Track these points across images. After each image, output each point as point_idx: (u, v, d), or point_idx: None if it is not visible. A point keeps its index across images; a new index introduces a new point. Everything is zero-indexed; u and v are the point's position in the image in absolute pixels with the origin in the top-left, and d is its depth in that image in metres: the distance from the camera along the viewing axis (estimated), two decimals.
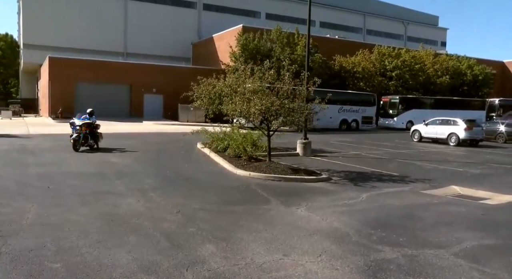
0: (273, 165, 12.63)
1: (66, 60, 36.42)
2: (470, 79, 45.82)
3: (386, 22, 66.34)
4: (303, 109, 12.73)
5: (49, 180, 10.34)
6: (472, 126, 23.55)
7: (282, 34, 36.32)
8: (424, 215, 8.10)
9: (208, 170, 12.72)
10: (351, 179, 11.84)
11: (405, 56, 41.65)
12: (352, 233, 6.68)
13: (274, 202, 8.77)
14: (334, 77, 37.60)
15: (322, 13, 54.54)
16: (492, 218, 8.15)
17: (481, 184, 11.83)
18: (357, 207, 8.58)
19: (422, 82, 42.05)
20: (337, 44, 43.80)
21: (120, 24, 48.52)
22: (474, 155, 19.43)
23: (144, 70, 38.43)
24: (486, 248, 6.26)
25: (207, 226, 6.82)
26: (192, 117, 33.82)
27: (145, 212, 7.66)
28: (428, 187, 11.01)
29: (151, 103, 38.35)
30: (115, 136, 20.87)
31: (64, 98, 34.59)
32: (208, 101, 17.82)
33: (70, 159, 14.00)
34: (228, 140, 15.27)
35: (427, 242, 6.38)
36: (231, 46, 36.27)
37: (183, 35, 50.51)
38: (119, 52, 47.98)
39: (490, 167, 15.59)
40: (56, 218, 7.10)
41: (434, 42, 67.87)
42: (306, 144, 16.80)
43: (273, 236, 6.44)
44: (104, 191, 9.35)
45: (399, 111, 36.76)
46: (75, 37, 45.08)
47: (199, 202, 8.57)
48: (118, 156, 14.97)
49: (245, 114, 12.42)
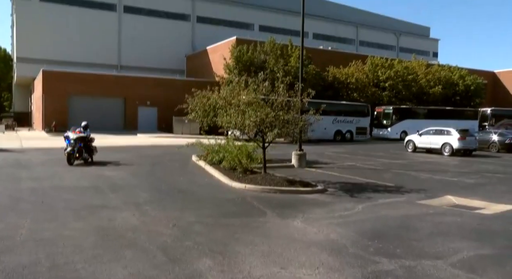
0: (268, 177, 12.61)
1: (59, 73, 36.40)
2: (462, 89, 46.29)
3: (378, 33, 67.07)
4: (297, 121, 12.77)
5: (42, 195, 10.24)
6: (465, 136, 23.72)
7: (276, 46, 36.58)
8: (420, 225, 8.10)
9: (203, 183, 12.67)
10: (346, 190, 11.83)
11: (398, 67, 42.07)
12: (349, 245, 6.65)
13: (270, 214, 8.74)
14: (327, 89, 37.86)
15: (315, 24, 55.10)
16: (488, 227, 8.16)
17: (476, 193, 11.87)
18: (353, 218, 8.56)
19: (415, 93, 42.43)
20: (330, 56, 44.19)
21: (114, 37, 48.67)
22: (468, 164, 19.53)
23: (138, 83, 38.47)
24: (483, 258, 6.25)
25: (203, 240, 6.77)
26: (187, 129, 33.81)
27: (140, 226, 7.60)
28: (424, 197, 11.02)
29: (145, 116, 38.33)
30: (109, 150, 20.79)
31: (58, 112, 34.49)
32: (203, 114, 17.86)
33: (64, 172, 13.91)
34: (223, 152, 15.24)
35: (424, 252, 6.37)
36: (225, 58, 36.45)
37: (177, 48, 50.73)
38: (113, 65, 48.04)
39: (484, 176, 15.66)
40: (50, 233, 7.01)
41: (426, 53, 68.65)
42: (301, 155, 16.81)
43: (270, 248, 6.40)
44: (98, 205, 9.27)
45: (392, 122, 37.00)
46: (69, 50, 45.13)
47: (194, 215, 8.52)
48: (113, 169, 14.89)
49: (240, 126, 12.43)
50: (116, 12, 48.95)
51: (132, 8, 49.53)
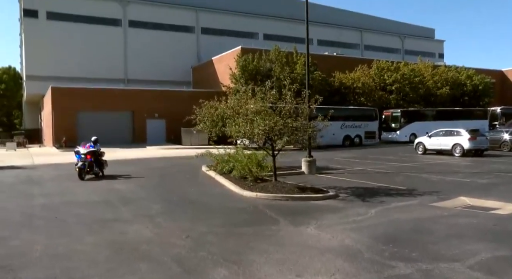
0: (279, 185, 12.58)
1: (68, 89, 36.77)
2: (470, 89, 45.95)
3: (383, 37, 66.99)
4: (306, 128, 12.76)
5: (55, 210, 10.32)
6: (476, 136, 23.49)
7: (281, 53, 36.68)
8: (434, 228, 8.01)
9: (214, 193, 12.67)
10: (358, 195, 11.76)
11: (404, 70, 41.91)
12: (364, 250, 6.60)
13: (283, 222, 8.70)
14: (334, 94, 37.79)
15: (319, 31, 55.18)
16: (504, 228, 8.04)
17: (489, 194, 11.73)
18: (367, 223, 8.50)
19: (423, 95, 42.19)
20: (335, 61, 44.17)
21: (120, 51, 49.16)
22: (480, 164, 19.32)
23: (146, 96, 38.73)
24: (501, 259, 6.16)
25: (217, 250, 6.76)
26: (195, 140, 33.90)
27: (153, 238, 7.61)
28: (437, 199, 10.92)
29: (153, 128, 38.50)
30: (119, 163, 20.91)
31: (67, 127, 34.78)
32: (211, 124, 17.93)
33: (76, 187, 14.00)
34: (233, 162, 15.26)
35: (440, 255, 6.29)
36: (231, 68, 36.62)
37: (183, 60, 51.08)
38: (120, 79, 48.45)
39: (497, 176, 15.48)
40: (64, 248, 7.05)
41: (431, 55, 68.34)
42: (311, 162, 16.77)
43: (285, 256, 6.37)
44: (111, 218, 9.31)
45: (401, 125, 36.77)
46: (76, 67, 45.65)
47: (207, 225, 8.51)
48: (124, 183, 14.96)
49: (249, 135, 12.45)
50: (121, 27, 49.49)
51: (137, 23, 50.05)
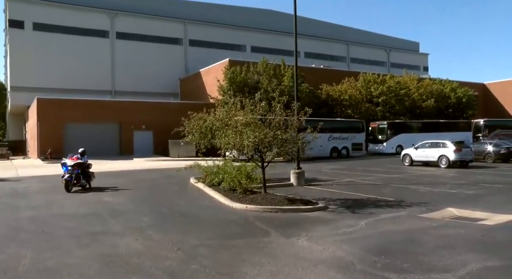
0: (269, 197, 12.59)
1: (54, 101, 36.40)
2: (454, 101, 46.79)
3: (369, 50, 67.99)
4: (296, 140, 12.84)
5: (42, 223, 10.14)
6: (461, 148, 23.88)
7: (269, 66, 36.96)
8: (424, 239, 8.08)
9: (204, 205, 12.61)
10: (347, 206, 11.82)
11: (390, 82, 42.54)
12: (356, 261, 6.62)
13: (274, 234, 8.69)
14: (321, 106, 38.11)
15: (306, 43, 55.76)
16: (493, 238, 8.15)
17: (476, 204, 11.90)
18: (357, 234, 8.54)
19: (408, 107, 42.81)
20: (322, 73, 44.63)
21: (107, 63, 48.95)
22: (466, 176, 19.60)
23: (133, 108, 38.55)
24: (491, 269, 6.24)
25: (209, 262, 6.71)
26: (183, 152, 33.77)
27: (144, 250, 7.53)
28: (425, 210, 11.03)
29: (141, 140, 38.26)
30: (107, 175, 20.69)
31: (53, 139, 34.35)
32: (200, 136, 17.90)
33: (63, 200, 13.79)
34: (222, 174, 15.21)
35: (431, 266, 6.35)
36: (219, 80, 36.73)
37: (171, 71, 51.07)
38: (107, 91, 48.17)
39: (483, 187, 15.72)
40: (53, 262, 6.93)
41: (416, 67, 69.53)
42: (299, 174, 16.82)
43: (277, 268, 6.36)
44: (100, 231, 9.19)
45: (388, 137, 37.19)
46: (62, 78, 45.26)
47: (198, 237, 8.46)
48: (112, 195, 14.80)
49: (239, 147, 12.47)
50: (109, 39, 49.35)
51: (124, 34, 49.99)
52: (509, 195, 13.78)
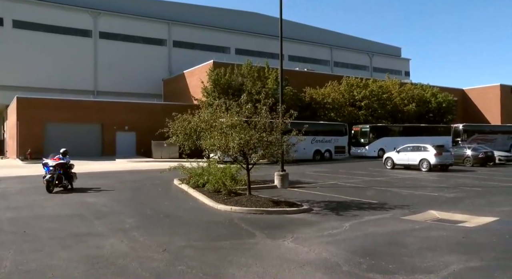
0: (253, 198, 12.63)
1: (35, 100, 35.75)
2: (434, 106, 47.65)
3: (352, 54, 68.78)
4: (280, 142, 12.92)
5: (23, 224, 9.95)
6: (441, 152, 24.34)
7: (253, 68, 37.03)
8: (408, 240, 8.23)
9: (188, 206, 12.57)
10: (331, 208, 11.93)
11: (373, 86, 43.09)
12: (342, 263, 6.70)
13: (260, 235, 8.73)
14: (305, 109, 38.33)
15: (290, 47, 56.07)
16: (473, 240, 8.35)
17: (456, 207, 12.17)
18: (342, 236, 8.64)
19: (390, 111, 43.42)
20: (306, 77, 44.93)
21: (90, 63, 48.33)
22: (446, 179, 19.98)
23: (116, 108, 38.14)
24: (472, 270, 6.40)
25: (196, 264, 6.71)
26: (166, 153, 33.57)
27: (130, 252, 7.47)
28: (408, 213, 11.22)
29: (123, 141, 37.84)
30: (89, 176, 20.43)
31: (33, 139, 33.73)
32: (184, 137, 17.87)
33: (44, 201, 13.56)
34: (206, 175, 15.19)
35: (415, 267, 6.47)
36: (203, 81, 36.64)
37: (154, 72, 50.73)
38: (89, 91, 47.55)
39: (462, 190, 16.06)
40: (36, 264, 6.81)
41: (398, 72, 70.62)
42: (283, 176, 16.90)
43: (264, 270, 6.39)
44: (84, 232, 9.08)
45: (370, 140, 37.64)
46: (43, 77, 44.52)
47: (184, 239, 8.44)
48: (95, 196, 14.62)
49: (224, 148, 12.48)
50: (91, 38, 48.75)
51: (107, 34, 49.45)
52: (487, 198, 14.11)
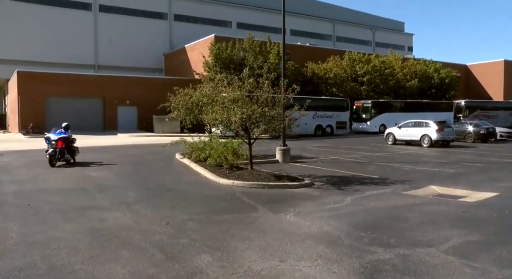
0: (255, 173, 12.68)
1: (35, 74, 35.56)
2: (437, 82, 47.31)
3: (354, 29, 67.83)
4: (283, 117, 12.87)
5: (27, 198, 10.03)
6: (443, 128, 24.29)
7: (255, 43, 36.60)
8: (409, 215, 8.30)
9: (190, 180, 12.64)
10: (333, 183, 11.99)
11: (375, 62, 42.68)
12: (343, 236, 6.77)
13: (262, 209, 8.80)
14: (307, 84, 38.06)
15: (292, 21, 55.24)
16: (473, 215, 8.42)
17: (457, 182, 12.21)
18: (344, 210, 8.71)
19: (392, 86, 43.15)
20: (308, 51, 44.47)
21: (91, 37, 47.80)
22: (447, 155, 20.00)
23: (117, 83, 37.94)
24: (472, 244, 6.47)
25: (198, 236, 6.78)
26: (168, 128, 33.57)
27: (133, 225, 7.55)
28: (409, 188, 11.27)
29: (125, 115, 37.83)
30: (91, 150, 20.49)
31: (35, 113, 33.72)
32: (185, 112, 17.83)
33: (47, 174, 13.64)
34: (208, 149, 15.21)
35: (416, 241, 6.54)
36: (204, 56, 36.30)
37: (155, 46, 50.22)
38: (90, 65, 47.23)
39: (463, 166, 16.10)
40: (41, 236, 6.90)
41: (401, 47, 69.81)
42: (285, 151, 16.93)
43: (267, 243, 6.46)
44: (87, 206, 9.16)
45: (371, 116, 37.55)
46: (43, 51, 44.13)
47: (186, 212, 8.51)
48: (97, 170, 14.69)
49: (226, 123, 12.45)
50: (91, 11, 48.07)
51: (108, 7, 48.72)
52: (488, 174, 14.15)
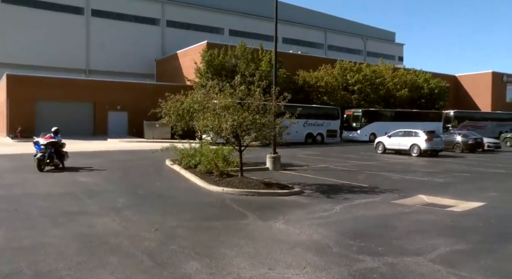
0: (245, 180, 12.70)
1: (25, 77, 35.24)
2: (427, 92, 47.81)
3: (346, 38, 68.45)
4: (274, 124, 12.93)
5: (15, 202, 9.94)
6: (432, 137, 24.54)
7: (247, 50, 36.70)
8: (397, 224, 8.37)
9: (180, 187, 12.61)
10: (323, 191, 12.04)
11: (366, 71, 43.03)
12: (332, 244, 6.81)
13: (251, 216, 8.81)
14: (298, 92, 38.23)
15: (285, 29, 55.60)
16: (460, 224, 8.51)
17: (445, 192, 12.34)
18: (333, 218, 8.75)
19: (383, 96, 43.51)
20: (300, 60, 44.74)
21: (82, 41, 47.60)
22: (436, 164, 20.20)
23: (108, 88, 37.76)
24: (459, 253, 6.55)
25: (188, 243, 6.77)
26: (158, 134, 33.45)
27: (122, 231, 7.51)
28: (398, 197, 11.36)
29: (115, 120, 37.61)
30: (80, 155, 20.34)
31: (24, 117, 33.39)
32: (176, 118, 17.80)
33: (36, 179, 13.52)
34: (199, 156, 15.20)
35: (404, 250, 6.60)
36: (196, 62, 36.31)
37: (147, 52, 50.16)
38: (81, 69, 46.95)
39: (452, 175, 16.26)
40: (28, 241, 6.83)
41: (392, 57, 70.54)
42: (275, 158, 16.97)
43: (256, 250, 6.47)
44: (76, 211, 9.09)
45: (362, 124, 37.79)
46: (34, 54, 43.83)
47: (176, 219, 8.49)
48: (86, 175, 14.59)
49: (217, 129, 12.47)
50: (83, 16, 47.91)
51: (100, 12, 48.59)
52: (475, 184, 14.32)
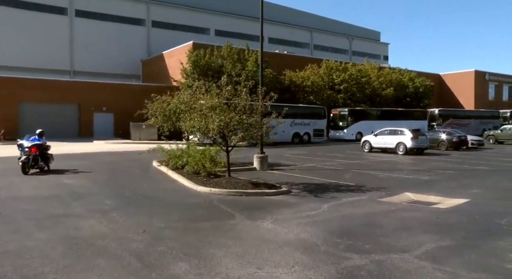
0: (233, 180, 12.70)
1: (8, 79, 34.69)
2: (412, 91, 48.34)
3: (332, 38, 68.81)
4: (260, 124, 12.95)
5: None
6: (417, 136, 24.85)
7: (233, 50, 36.70)
8: (384, 221, 8.46)
9: (168, 188, 12.56)
10: (310, 190, 12.11)
11: (352, 70, 43.34)
12: (320, 243, 6.86)
13: (239, 216, 8.82)
14: (284, 92, 38.35)
15: (270, 29, 55.67)
16: (445, 221, 8.64)
17: (431, 189, 12.51)
18: (320, 217, 8.81)
19: (369, 95, 43.88)
20: (286, 59, 44.88)
21: (66, 42, 47.02)
22: (421, 162, 20.46)
23: (93, 89, 37.38)
24: (444, 249, 6.65)
25: (176, 244, 6.75)
26: (145, 135, 33.23)
27: (109, 233, 7.46)
28: (384, 195, 11.48)
29: (101, 122, 37.28)
30: (66, 157, 20.12)
31: (7, 120, 32.86)
32: (163, 119, 17.70)
33: (20, 182, 13.33)
34: (186, 157, 15.15)
35: (391, 247, 6.68)
36: (182, 62, 36.17)
37: (132, 53, 49.78)
38: (65, 71, 46.40)
39: (437, 173, 16.49)
40: (13, 245, 6.74)
41: (377, 56, 71.11)
42: (263, 158, 17.00)
43: (244, 250, 6.49)
44: (61, 214, 9.00)
45: (348, 123, 38.09)
46: (18, 55, 43.18)
47: (163, 220, 8.46)
48: (72, 177, 14.44)
49: (204, 130, 12.45)
50: (67, 16, 47.32)
51: (84, 12, 48.05)
52: (459, 181, 14.54)
